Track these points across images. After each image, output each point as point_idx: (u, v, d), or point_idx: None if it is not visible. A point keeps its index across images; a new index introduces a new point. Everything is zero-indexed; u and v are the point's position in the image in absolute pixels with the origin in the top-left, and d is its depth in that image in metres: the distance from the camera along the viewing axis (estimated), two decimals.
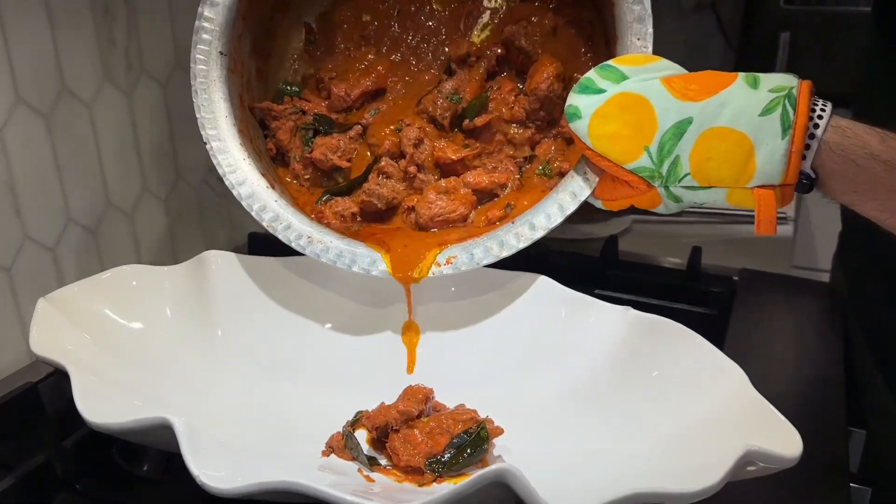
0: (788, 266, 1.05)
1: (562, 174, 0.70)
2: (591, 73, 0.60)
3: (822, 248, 1.33)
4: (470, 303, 0.69)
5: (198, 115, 0.69)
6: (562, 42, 0.74)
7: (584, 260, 0.93)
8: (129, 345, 0.62)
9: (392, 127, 0.74)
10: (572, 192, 0.64)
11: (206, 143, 0.69)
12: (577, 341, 0.64)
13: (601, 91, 0.58)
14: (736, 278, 0.90)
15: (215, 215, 0.99)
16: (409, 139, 0.72)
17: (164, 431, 0.47)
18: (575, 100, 0.59)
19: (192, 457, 0.43)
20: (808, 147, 0.54)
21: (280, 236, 0.67)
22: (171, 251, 0.92)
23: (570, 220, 0.64)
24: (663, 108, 0.56)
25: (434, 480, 0.54)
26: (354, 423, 0.60)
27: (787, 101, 0.54)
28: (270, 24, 0.78)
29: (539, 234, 0.64)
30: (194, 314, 0.68)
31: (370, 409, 0.60)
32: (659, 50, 0.63)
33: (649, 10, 0.64)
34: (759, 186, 0.56)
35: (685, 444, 0.50)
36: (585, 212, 0.65)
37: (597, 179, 0.63)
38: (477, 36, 0.79)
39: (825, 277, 1.00)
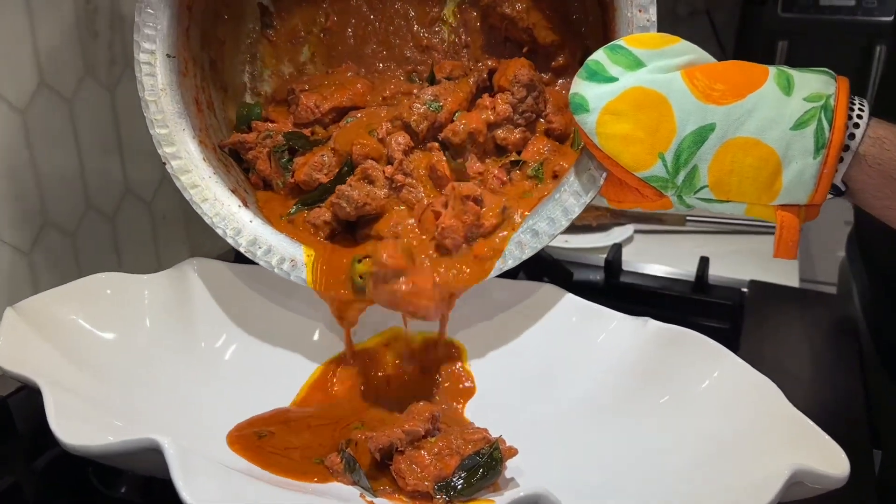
0: (796, 276, 1.02)
1: (556, 175, 0.63)
2: (600, 55, 0.53)
3: (826, 260, 1.31)
4: (476, 313, 0.65)
5: (151, 132, 0.63)
6: (548, 4, 0.67)
7: (588, 270, 0.90)
8: (106, 359, 0.58)
9: (363, 131, 0.66)
10: (576, 192, 0.58)
11: (164, 164, 0.63)
12: (592, 354, 0.60)
13: (612, 79, 0.52)
14: (745, 290, 0.87)
15: (200, 219, 0.94)
16: (399, 144, 0.64)
17: (149, 454, 0.42)
18: (582, 87, 0.53)
19: (185, 483, 0.39)
20: (841, 160, 0.49)
21: (261, 262, 0.62)
22: (155, 256, 0.88)
23: (572, 228, 0.60)
24: (684, 110, 0.50)
25: None
26: (349, 442, 0.55)
27: (822, 115, 0.49)
28: (218, 6, 0.71)
29: (544, 241, 0.59)
30: (176, 326, 0.63)
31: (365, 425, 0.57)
32: None
33: None
34: (782, 205, 0.52)
35: (726, 465, 0.47)
36: (586, 219, 0.61)
37: (602, 178, 0.57)
38: (452, 1, 0.71)
39: (832, 289, 0.98)
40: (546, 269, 0.84)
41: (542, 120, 0.67)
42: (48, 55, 0.70)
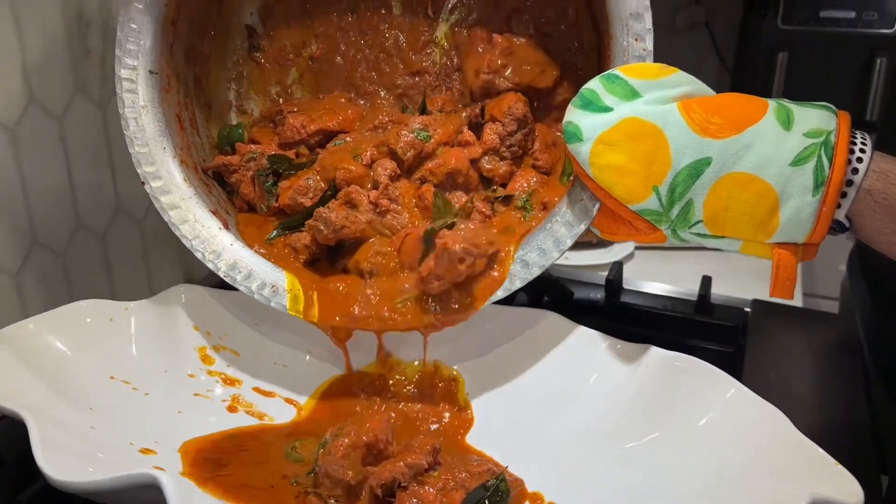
0: (799, 291, 1.01)
1: (545, 207, 0.62)
2: (595, 84, 0.52)
3: (829, 274, 1.29)
4: (474, 341, 0.64)
5: (131, 150, 0.61)
6: (522, 50, 0.66)
7: (588, 289, 0.88)
8: (91, 389, 0.56)
9: (348, 155, 0.65)
10: (568, 223, 0.56)
11: (143, 184, 0.61)
12: (594, 382, 0.58)
13: (607, 109, 0.51)
14: (747, 310, 0.86)
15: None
16: (385, 170, 0.63)
17: (143, 490, 0.41)
18: (576, 116, 0.52)
19: None
20: (844, 195, 0.48)
21: (240, 287, 0.60)
22: (147, 275, 0.86)
23: (573, 247, 0.58)
24: (680, 142, 0.49)
25: None
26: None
27: (822, 151, 0.47)
28: (205, 21, 0.70)
29: (535, 271, 0.57)
30: (163, 354, 0.62)
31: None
32: None
33: (647, 2, 0.55)
34: (779, 243, 0.50)
35: (738, 496, 0.45)
36: (587, 235, 0.59)
37: (595, 208, 0.55)
38: (444, 21, 0.70)
39: (833, 304, 0.96)
40: (546, 288, 0.82)
41: (528, 156, 0.65)
42: (38, 71, 0.69)
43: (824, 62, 1.61)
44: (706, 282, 0.86)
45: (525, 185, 0.63)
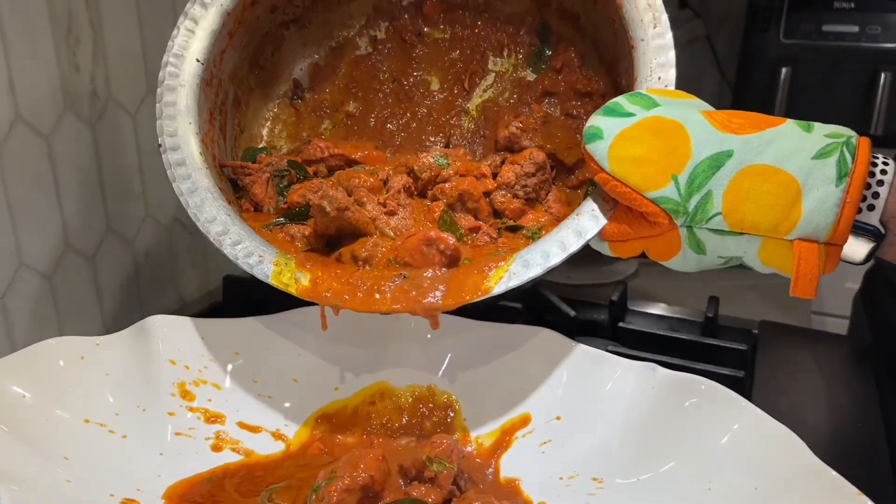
0: (808, 312, 0.99)
1: None
2: (619, 98, 0.53)
3: (837, 291, 1.27)
4: (472, 361, 0.61)
5: (158, 120, 0.62)
6: (556, 123, 0.70)
7: (592, 310, 0.86)
8: (65, 437, 0.52)
9: (364, 173, 0.66)
10: (576, 231, 0.55)
11: (159, 146, 0.62)
12: (599, 405, 0.56)
13: (629, 115, 0.51)
14: (755, 331, 0.83)
15: (187, 256, 0.90)
16: (398, 181, 0.64)
17: None
18: (597, 120, 0.52)
19: None
20: (876, 195, 0.47)
21: (226, 251, 0.58)
22: (138, 298, 0.84)
23: (575, 263, 0.56)
24: (701, 137, 0.49)
25: None
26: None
27: (845, 148, 0.47)
28: (258, 53, 0.73)
29: (533, 272, 0.54)
30: (140, 393, 0.58)
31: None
32: None
33: (672, 52, 0.58)
34: (800, 239, 0.48)
35: None
36: (589, 255, 0.57)
37: (605, 220, 0.54)
38: (478, 96, 0.74)
39: (841, 322, 0.94)
40: (548, 309, 0.80)
41: (540, 204, 0.66)
42: (25, 89, 0.67)
43: (828, 77, 1.60)
44: (713, 302, 0.84)
45: (535, 222, 0.63)
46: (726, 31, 1.87)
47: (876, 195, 0.47)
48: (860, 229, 0.47)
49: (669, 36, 0.58)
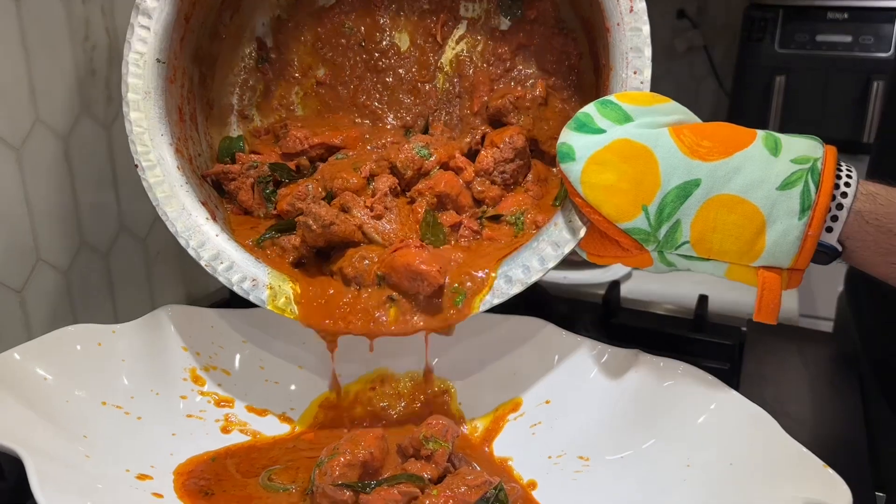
0: (795, 311, 1.01)
1: (537, 226, 0.62)
2: (590, 109, 0.54)
3: (826, 295, 1.30)
4: (464, 349, 0.64)
5: (129, 134, 0.62)
6: (552, 110, 0.68)
7: (585, 308, 0.89)
8: (84, 417, 0.55)
9: (348, 167, 0.65)
10: (555, 243, 0.57)
11: (136, 166, 0.61)
12: (585, 388, 0.60)
13: (600, 131, 0.52)
14: (744, 329, 0.86)
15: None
16: (385, 182, 0.64)
17: None
18: (569, 137, 0.53)
19: None
20: (835, 219, 0.49)
21: (220, 278, 0.60)
22: (149, 293, 0.87)
23: (570, 264, 0.59)
24: (669, 164, 0.50)
25: None
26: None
27: (809, 176, 0.48)
28: (217, 23, 0.71)
29: (515, 289, 0.57)
30: (154, 378, 0.61)
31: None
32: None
33: (648, 38, 0.56)
34: (764, 267, 0.51)
35: (728, 498, 0.46)
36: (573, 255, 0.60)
37: (584, 230, 0.56)
38: (451, 49, 0.72)
39: (831, 325, 0.97)
40: (542, 307, 0.83)
41: (519, 186, 0.67)
42: (44, 93, 0.70)
43: (821, 85, 1.63)
44: (703, 301, 0.87)
45: (516, 206, 0.64)
46: (723, 41, 1.91)
47: (835, 218, 0.49)
48: (819, 248, 0.50)
49: (647, 29, 0.57)
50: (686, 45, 1.91)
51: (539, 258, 0.57)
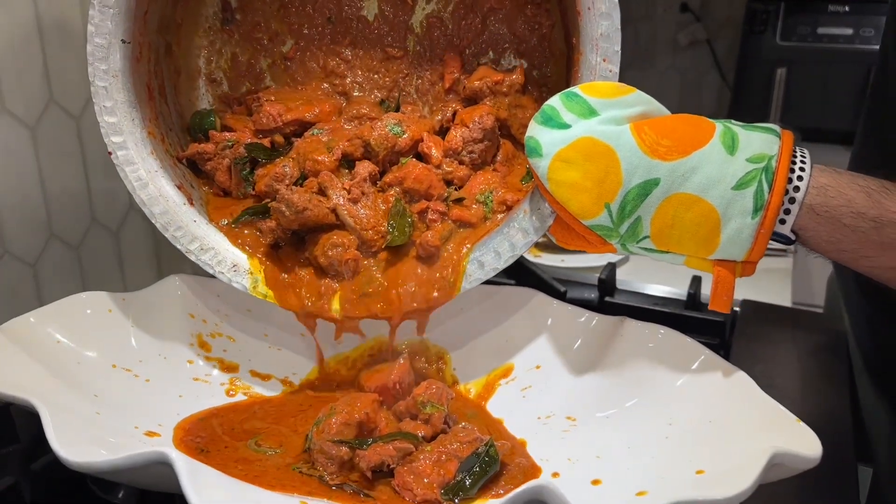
0: (788, 299, 1.03)
1: (507, 206, 0.63)
2: (556, 101, 0.55)
3: (819, 283, 1.31)
4: (457, 318, 0.67)
5: (100, 120, 0.60)
6: (530, 97, 0.68)
7: (582, 288, 0.91)
8: (95, 378, 0.58)
9: (322, 146, 0.64)
10: (524, 230, 0.58)
11: (110, 153, 0.61)
12: (573, 354, 0.62)
13: (565, 126, 0.53)
14: (737, 309, 0.88)
15: None
16: (366, 168, 0.63)
17: (154, 468, 0.43)
18: (536, 132, 0.54)
19: (197, 496, 0.40)
20: (787, 212, 0.51)
21: (202, 264, 0.61)
22: (157, 270, 0.90)
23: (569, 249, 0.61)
24: (630, 163, 0.52)
25: None
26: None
27: (763, 176, 0.50)
28: None
29: (488, 273, 0.59)
30: (162, 343, 0.64)
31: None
32: (654, 86, 0.56)
33: (618, 26, 0.56)
34: (719, 260, 0.53)
35: (708, 451, 0.48)
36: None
37: (551, 219, 0.58)
38: (421, 10, 0.70)
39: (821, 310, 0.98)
40: (539, 286, 0.85)
41: (487, 165, 0.66)
42: (58, 74, 0.73)
43: (822, 77, 1.65)
44: (696, 281, 0.88)
45: (484, 185, 0.64)
46: (726, 34, 1.92)
47: (787, 211, 0.51)
48: (773, 237, 0.52)
49: (617, 15, 0.56)
50: (689, 38, 1.93)
51: (509, 244, 0.59)
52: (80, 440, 0.47)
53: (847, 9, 1.64)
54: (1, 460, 0.58)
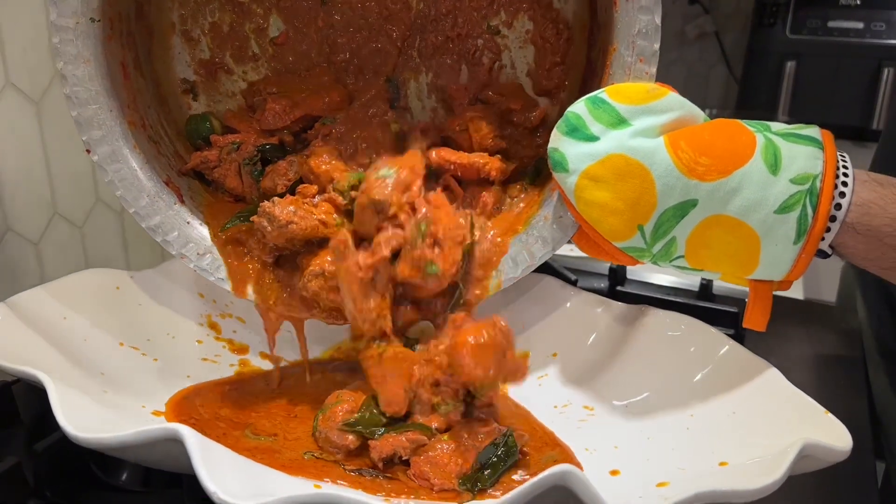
0: (801, 292, 1.02)
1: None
2: (580, 108, 0.50)
3: (832, 278, 1.31)
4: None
5: (72, 113, 0.54)
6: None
7: (593, 278, 0.90)
8: (102, 356, 0.57)
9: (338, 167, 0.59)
10: (543, 239, 0.56)
11: (88, 151, 0.55)
12: (595, 343, 0.61)
13: (593, 138, 0.49)
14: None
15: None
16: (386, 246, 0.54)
17: (164, 445, 0.42)
18: (561, 143, 0.50)
19: (209, 474, 0.38)
20: (827, 230, 0.48)
21: (196, 268, 0.58)
22: (160, 252, 0.88)
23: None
24: (666, 184, 0.48)
25: (474, 498, 0.49)
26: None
27: (808, 200, 0.47)
28: None
29: (504, 283, 0.57)
30: (171, 322, 0.63)
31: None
32: (660, 78, 0.52)
33: (658, 23, 0.50)
34: (756, 280, 0.51)
35: (736, 443, 0.47)
36: None
37: (573, 230, 0.55)
38: None
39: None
40: (550, 275, 0.84)
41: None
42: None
43: (832, 72, 1.64)
44: None
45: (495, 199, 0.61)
46: (735, 26, 1.91)
47: (828, 229, 0.48)
48: None
49: (658, 9, 0.50)
50: (697, 30, 1.92)
51: (527, 253, 0.57)
52: (86, 416, 0.46)
53: (858, 2, 1.63)
54: (3, 440, 0.57)
